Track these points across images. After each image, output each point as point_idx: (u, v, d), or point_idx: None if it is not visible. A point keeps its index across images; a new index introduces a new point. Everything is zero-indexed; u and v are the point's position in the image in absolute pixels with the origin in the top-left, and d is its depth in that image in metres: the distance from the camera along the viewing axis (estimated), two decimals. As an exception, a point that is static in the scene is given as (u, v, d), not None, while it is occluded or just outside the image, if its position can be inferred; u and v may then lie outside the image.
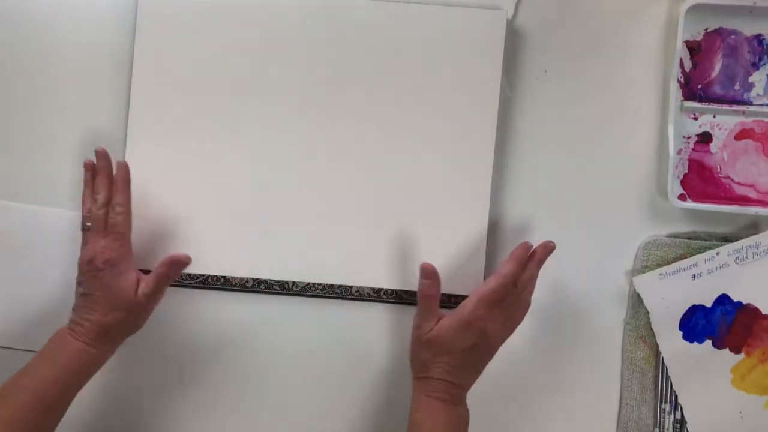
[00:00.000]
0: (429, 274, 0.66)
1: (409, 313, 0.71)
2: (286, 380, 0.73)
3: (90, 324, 0.64)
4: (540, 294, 0.72)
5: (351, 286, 0.72)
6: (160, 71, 0.71)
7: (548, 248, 0.67)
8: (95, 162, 0.68)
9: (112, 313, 0.64)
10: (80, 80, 0.72)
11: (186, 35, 0.71)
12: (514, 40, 0.72)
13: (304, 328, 0.73)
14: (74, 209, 0.72)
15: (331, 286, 0.72)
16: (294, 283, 0.72)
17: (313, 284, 0.72)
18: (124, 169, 0.67)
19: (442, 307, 0.69)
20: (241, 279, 0.72)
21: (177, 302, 0.72)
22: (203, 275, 0.72)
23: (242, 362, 0.73)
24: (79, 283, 0.66)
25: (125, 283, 0.65)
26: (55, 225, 0.72)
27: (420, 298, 0.67)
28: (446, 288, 0.69)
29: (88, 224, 0.66)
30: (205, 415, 0.73)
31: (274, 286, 0.72)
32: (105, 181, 0.67)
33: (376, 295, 0.72)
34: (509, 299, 0.65)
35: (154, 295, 0.66)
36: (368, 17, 0.71)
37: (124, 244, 0.66)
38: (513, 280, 0.65)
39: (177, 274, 0.68)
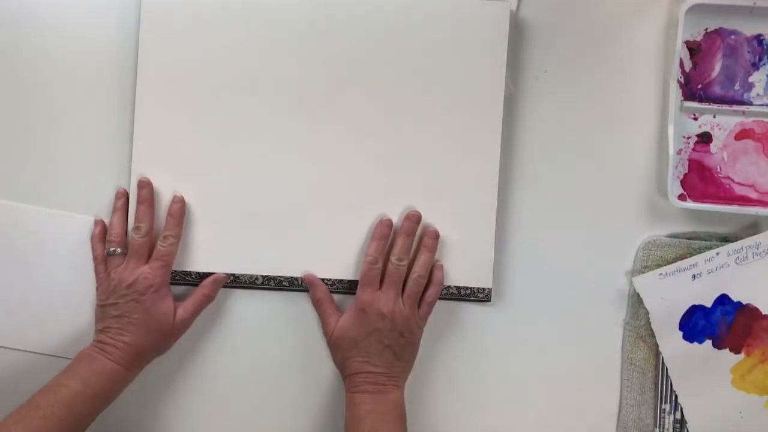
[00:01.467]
0: (308, 282, 0.71)
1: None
2: (296, 375, 0.73)
3: (125, 346, 0.65)
4: (540, 294, 0.73)
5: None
6: (165, 71, 0.71)
7: (410, 218, 0.70)
8: (128, 189, 0.71)
9: (150, 337, 0.66)
10: (85, 81, 0.73)
11: (189, 35, 0.71)
12: (515, 38, 0.72)
13: (314, 324, 0.73)
14: (77, 211, 0.72)
15: (341, 281, 0.72)
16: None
17: (323, 280, 0.72)
18: (181, 202, 0.70)
19: (456, 299, 0.71)
20: (251, 276, 0.72)
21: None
22: (213, 273, 0.72)
23: (252, 359, 0.73)
24: (111, 305, 0.67)
25: (165, 308, 0.67)
26: (61, 227, 0.72)
27: (313, 305, 0.71)
28: (457, 281, 0.71)
29: (113, 249, 0.69)
30: (213, 411, 0.73)
31: (284, 283, 0.72)
32: (149, 210, 0.69)
33: None
34: (391, 275, 0.68)
35: (192, 319, 0.70)
36: (371, 11, 0.71)
37: (167, 272, 0.68)
38: (377, 257, 0.68)
39: (215, 295, 0.71)
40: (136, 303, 0.66)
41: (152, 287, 0.66)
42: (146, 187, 0.70)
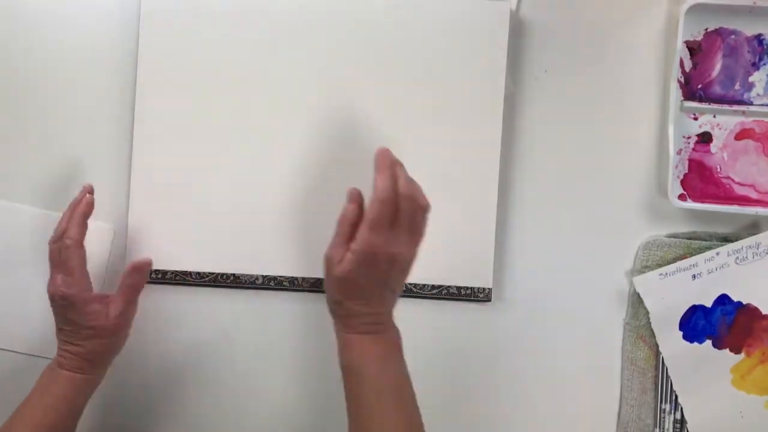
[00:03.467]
0: (352, 197, 0.61)
1: (418, 307, 0.72)
2: (296, 376, 0.73)
3: (71, 354, 0.65)
4: (540, 294, 0.73)
5: None
6: (165, 71, 0.71)
7: (384, 152, 0.61)
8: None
9: (89, 342, 0.65)
10: (85, 81, 0.73)
11: (189, 35, 0.71)
12: (515, 38, 0.72)
13: (315, 324, 0.73)
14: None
15: None
16: (303, 278, 0.72)
17: (323, 279, 0.72)
18: (86, 203, 0.66)
19: (457, 299, 0.71)
20: (251, 276, 0.72)
21: (186, 301, 0.73)
22: (213, 273, 0.72)
23: (252, 359, 0.73)
24: (54, 314, 0.66)
25: (91, 314, 0.64)
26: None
27: (339, 220, 0.61)
28: (457, 280, 0.71)
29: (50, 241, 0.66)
30: (214, 411, 0.73)
31: (284, 283, 0.72)
32: (67, 214, 0.66)
33: None
34: (404, 214, 0.60)
35: (126, 312, 0.67)
36: (371, 11, 0.71)
37: (76, 280, 0.64)
38: (394, 195, 0.59)
39: (143, 282, 0.68)
40: (63, 316, 0.65)
41: (66, 298, 0.64)
42: (82, 194, 0.67)
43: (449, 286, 0.72)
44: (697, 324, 0.71)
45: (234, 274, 0.72)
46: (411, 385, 0.62)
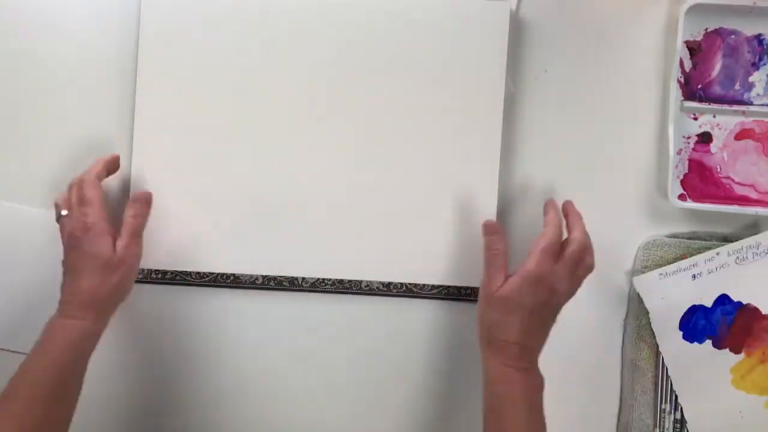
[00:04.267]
0: (492, 229, 0.66)
1: (418, 307, 0.72)
2: (296, 376, 0.73)
3: (77, 297, 0.64)
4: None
5: (361, 281, 0.72)
6: (165, 71, 0.71)
7: (569, 202, 0.69)
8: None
9: (98, 277, 0.64)
10: (85, 81, 0.73)
11: (189, 35, 0.71)
12: (515, 38, 0.72)
13: (315, 324, 0.73)
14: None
15: (341, 281, 0.72)
16: (303, 279, 0.72)
17: (323, 280, 0.72)
18: (113, 158, 0.69)
19: (457, 299, 0.71)
20: (251, 276, 0.72)
21: (186, 301, 0.73)
22: (213, 273, 0.72)
23: (252, 359, 0.73)
24: (63, 264, 0.66)
25: (104, 245, 0.64)
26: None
27: (487, 255, 0.65)
28: (455, 280, 0.71)
29: (63, 212, 0.66)
30: (215, 412, 0.73)
31: (284, 283, 0.72)
32: (82, 172, 0.68)
33: (386, 289, 0.72)
34: (570, 255, 0.63)
35: (132, 245, 0.66)
36: (371, 11, 0.71)
37: (95, 210, 0.65)
38: (561, 227, 0.65)
39: (146, 214, 0.69)
40: (75, 249, 0.65)
41: (85, 226, 0.64)
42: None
43: (449, 286, 0.72)
44: (697, 324, 0.71)
45: (234, 274, 0.72)
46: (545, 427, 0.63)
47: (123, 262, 0.65)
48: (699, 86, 0.72)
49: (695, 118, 0.72)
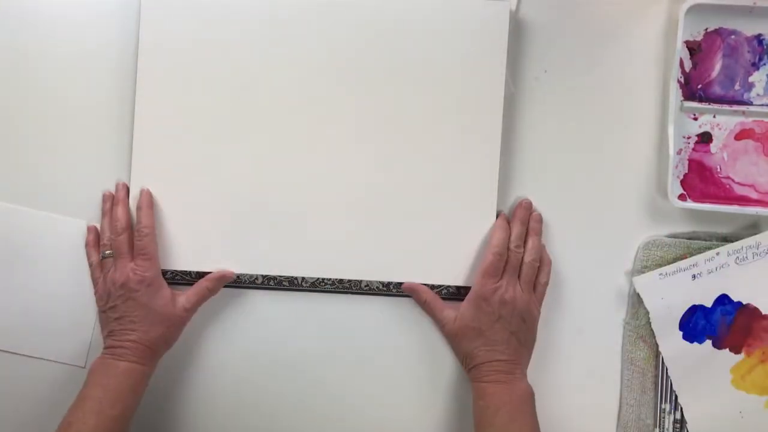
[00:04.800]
0: (409, 290, 0.71)
1: (418, 306, 0.73)
2: (296, 376, 0.73)
3: (132, 343, 0.66)
4: (540, 294, 0.73)
5: (360, 281, 0.72)
6: (165, 71, 0.71)
7: (526, 206, 0.71)
8: (113, 193, 0.71)
9: (154, 329, 0.67)
10: (85, 81, 0.73)
11: (189, 35, 0.71)
12: (515, 38, 0.72)
13: (314, 324, 0.73)
14: (77, 213, 0.72)
15: (341, 281, 0.72)
16: (303, 279, 0.72)
17: (323, 280, 0.72)
18: (147, 194, 0.70)
19: (456, 299, 0.71)
20: (251, 276, 0.72)
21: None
22: (211, 273, 0.72)
23: (252, 358, 0.73)
24: (111, 308, 0.68)
25: (162, 299, 0.68)
26: (60, 231, 0.72)
27: (422, 307, 0.71)
28: (457, 280, 0.71)
29: (108, 252, 0.69)
30: (215, 411, 0.73)
31: (284, 283, 0.72)
32: (124, 209, 0.70)
33: (385, 289, 0.72)
34: (512, 263, 0.69)
35: (193, 309, 0.70)
36: (371, 11, 0.71)
37: (154, 264, 0.68)
38: (502, 248, 0.69)
39: (217, 291, 0.71)
40: (133, 301, 0.67)
41: (144, 281, 0.67)
42: (122, 190, 0.71)
43: (449, 286, 0.72)
44: (697, 324, 0.71)
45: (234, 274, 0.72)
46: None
47: (183, 320, 0.70)
48: (699, 86, 0.72)
49: (695, 118, 0.72)
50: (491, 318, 0.67)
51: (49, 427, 0.64)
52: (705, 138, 0.72)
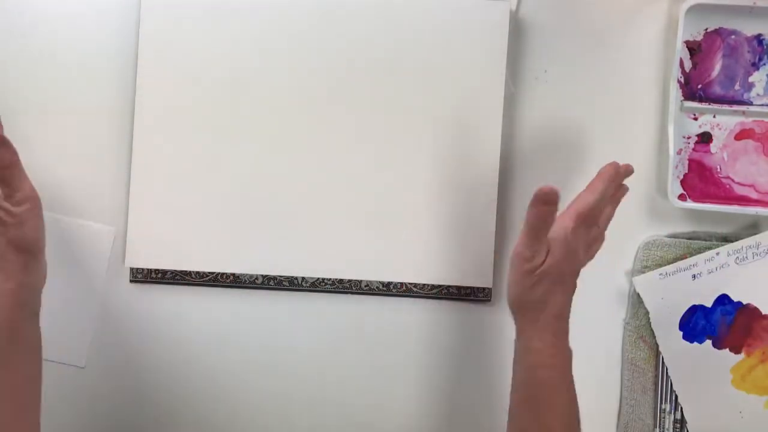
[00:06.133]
0: (548, 199, 0.56)
1: (418, 307, 0.72)
2: (296, 376, 0.73)
3: None
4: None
5: (361, 281, 0.72)
6: (165, 71, 0.71)
7: (627, 171, 0.63)
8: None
9: None
10: (85, 81, 0.73)
11: (189, 34, 0.71)
12: (515, 38, 0.72)
13: (314, 324, 0.73)
14: (76, 213, 0.72)
15: (341, 280, 0.72)
16: (303, 279, 0.72)
17: (323, 280, 0.72)
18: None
19: (457, 299, 0.71)
20: (251, 276, 0.72)
21: (186, 301, 0.73)
22: (213, 273, 0.72)
23: (252, 359, 0.73)
24: None
25: None
26: (57, 231, 0.72)
27: (532, 224, 0.57)
28: (455, 280, 0.71)
29: None
30: (214, 411, 0.73)
31: (284, 283, 0.72)
32: None
33: (385, 289, 0.72)
34: (593, 223, 0.61)
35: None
36: (371, 10, 0.71)
37: None
38: (603, 200, 0.61)
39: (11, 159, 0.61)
40: None
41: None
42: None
43: (449, 286, 0.72)
44: (697, 324, 0.71)
45: (234, 274, 0.72)
46: (577, 403, 0.60)
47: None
48: (699, 86, 0.72)
49: (695, 118, 0.72)
50: (572, 267, 0.60)
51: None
52: (705, 138, 0.72)
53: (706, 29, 0.71)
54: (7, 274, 0.62)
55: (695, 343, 0.71)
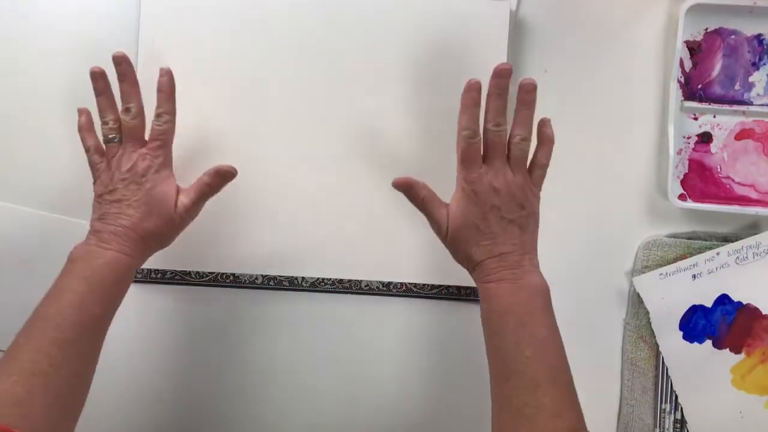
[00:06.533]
0: (405, 184, 0.62)
1: (418, 307, 0.73)
2: (297, 376, 0.73)
3: (124, 229, 0.60)
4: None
5: (360, 281, 0.72)
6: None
7: (500, 73, 0.60)
8: (102, 68, 0.64)
9: (151, 219, 0.61)
10: (84, 81, 0.73)
11: (189, 34, 0.71)
12: (515, 38, 0.72)
13: (314, 324, 0.73)
14: (76, 213, 0.72)
15: (341, 280, 0.72)
16: (303, 278, 0.72)
17: (323, 279, 0.72)
18: (170, 75, 0.64)
19: (457, 299, 0.71)
20: (251, 276, 0.72)
21: (186, 301, 0.73)
22: (213, 273, 0.72)
23: (252, 359, 0.73)
24: (110, 191, 0.62)
25: (167, 189, 0.63)
26: (60, 231, 0.72)
27: (418, 206, 0.63)
28: (455, 280, 0.71)
29: (112, 136, 0.63)
30: (215, 411, 0.73)
31: (284, 282, 0.72)
32: (134, 89, 0.64)
33: (385, 289, 0.72)
34: (493, 145, 0.60)
35: (193, 208, 0.64)
36: (371, 10, 0.71)
37: (168, 152, 0.64)
38: (475, 129, 0.60)
39: (220, 187, 0.65)
40: (136, 185, 0.62)
41: (152, 168, 0.62)
42: (123, 63, 0.63)
43: (449, 286, 0.72)
44: (697, 324, 0.71)
45: (234, 274, 0.72)
46: (558, 336, 0.58)
47: (179, 219, 0.64)
48: (699, 86, 0.72)
49: (695, 118, 0.72)
50: (483, 209, 0.59)
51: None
52: (705, 138, 0.72)
53: (706, 29, 0.71)
54: (143, 261, 0.63)
55: (695, 343, 0.71)
